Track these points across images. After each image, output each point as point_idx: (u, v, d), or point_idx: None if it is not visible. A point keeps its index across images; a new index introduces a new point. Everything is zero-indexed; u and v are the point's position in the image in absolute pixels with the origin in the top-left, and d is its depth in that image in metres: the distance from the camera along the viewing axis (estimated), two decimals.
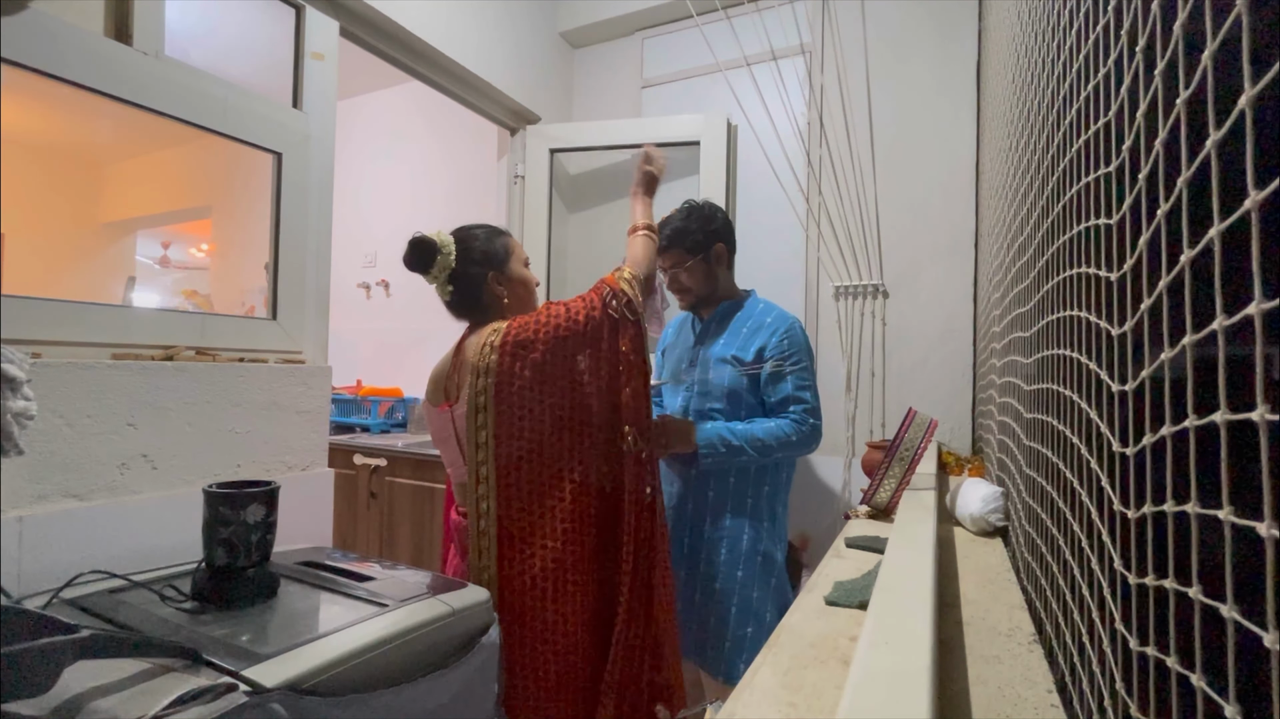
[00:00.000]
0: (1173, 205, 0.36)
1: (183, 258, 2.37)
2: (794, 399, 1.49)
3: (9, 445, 0.80)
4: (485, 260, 1.25)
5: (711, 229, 1.56)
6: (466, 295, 1.26)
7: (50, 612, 0.83)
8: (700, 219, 1.55)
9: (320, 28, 1.64)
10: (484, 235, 1.28)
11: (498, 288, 1.26)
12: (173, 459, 1.25)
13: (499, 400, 1.12)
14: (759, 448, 1.46)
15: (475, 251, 1.25)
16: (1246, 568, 0.27)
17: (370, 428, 2.90)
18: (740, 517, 1.51)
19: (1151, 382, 0.40)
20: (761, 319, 1.56)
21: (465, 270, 1.24)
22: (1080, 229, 0.59)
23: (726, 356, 1.54)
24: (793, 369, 1.50)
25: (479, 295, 1.26)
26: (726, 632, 1.45)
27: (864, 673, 0.51)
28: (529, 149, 2.39)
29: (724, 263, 1.59)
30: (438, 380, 1.28)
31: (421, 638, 0.92)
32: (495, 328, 1.19)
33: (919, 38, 2.06)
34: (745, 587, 1.47)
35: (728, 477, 1.51)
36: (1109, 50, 0.50)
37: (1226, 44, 0.29)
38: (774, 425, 1.48)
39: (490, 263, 1.26)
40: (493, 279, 1.25)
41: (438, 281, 1.25)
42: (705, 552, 1.51)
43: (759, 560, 1.49)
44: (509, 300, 1.27)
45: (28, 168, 1.79)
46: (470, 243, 1.26)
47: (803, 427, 1.48)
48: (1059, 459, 0.69)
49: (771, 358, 1.50)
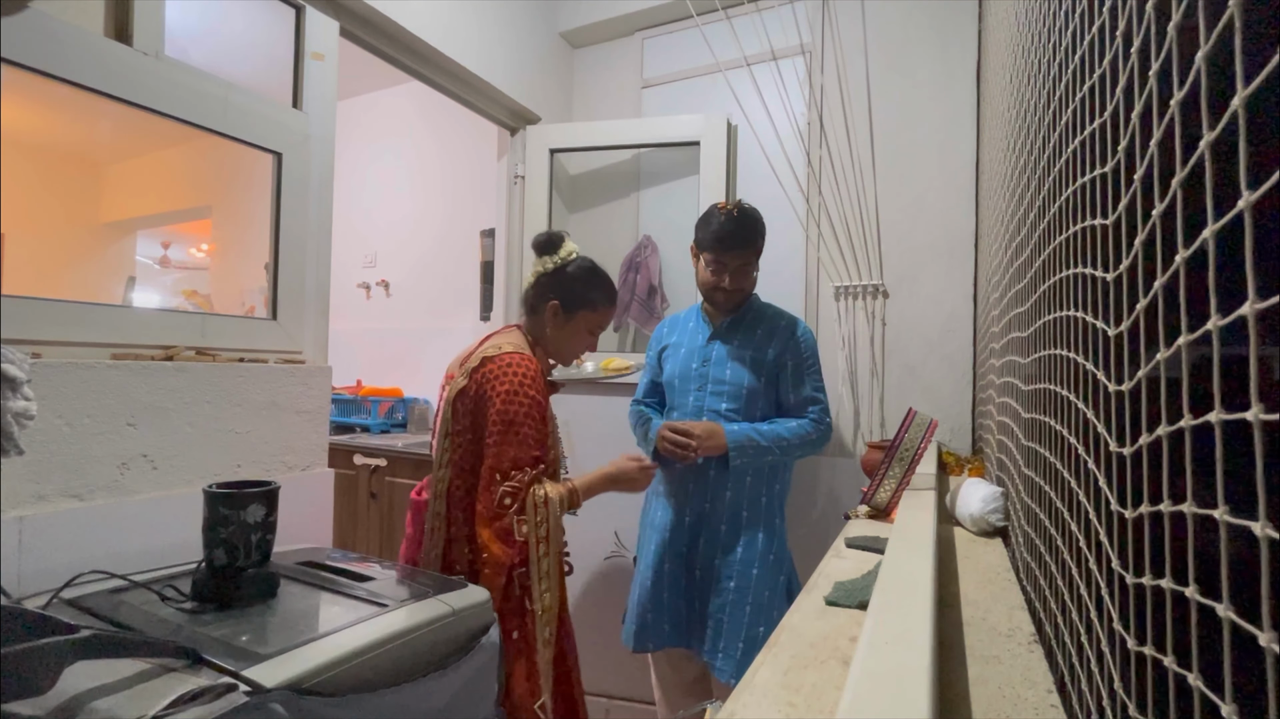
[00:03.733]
0: (1167, 206, 0.36)
1: (183, 258, 2.37)
2: (812, 399, 1.55)
3: (9, 445, 0.80)
4: (561, 288, 1.34)
5: (765, 233, 1.59)
6: (534, 297, 1.36)
7: (50, 612, 0.83)
8: (760, 221, 1.57)
9: (320, 28, 1.64)
10: (587, 278, 1.37)
11: (552, 318, 1.34)
12: (173, 459, 1.25)
13: (454, 411, 1.25)
14: (784, 447, 1.48)
15: (568, 277, 1.35)
16: (1242, 567, 0.27)
17: (370, 428, 2.90)
18: (755, 516, 1.52)
19: (1148, 382, 0.40)
20: (775, 321, 1.59)
21: (549, 281, 1.34)
22: (1076, 229, 0.60)
23: (745, 357, 1.55)
24: (810, 371, 1.56)
25: (539, 307, 1.35)
26: (741, 632, 1.44)
27: (864, 673, 0.51)
28: (529, 149, 2.39)
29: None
30: (456, 360, 1.37)
31: (421, 638, 0.92)
32: (496, 344, 1.26)
33: (919, 38, 2.06)
34: (759, 586, 1.47)
35: (745, 476, 1.52)
36: (1104, 51, 0.50)
37: (1220, 44, 0.29)
38: (795, 425, 1.51)
39: (561, 293, 1.34)
40: (551, 309, 1.33)
41: (538, 270, 1.36)
42: (721, 552, 1.51)
43: (771, 559, 1.50)
44: (550, 333, 1.36)
45: (28, 168, 1.79)
46: (574, 271, 1.36)
47: (820, 425, 1.53)
48: (1057, 459, 0.69)
49: (792, 360, 1.53)
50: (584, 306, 1.35)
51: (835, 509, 2.10)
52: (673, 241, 2.35)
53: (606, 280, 1.40)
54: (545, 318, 1.34)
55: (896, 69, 2.09)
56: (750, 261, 1.55)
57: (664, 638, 1.55)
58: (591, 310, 1.36)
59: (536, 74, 2.44)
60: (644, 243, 2.40)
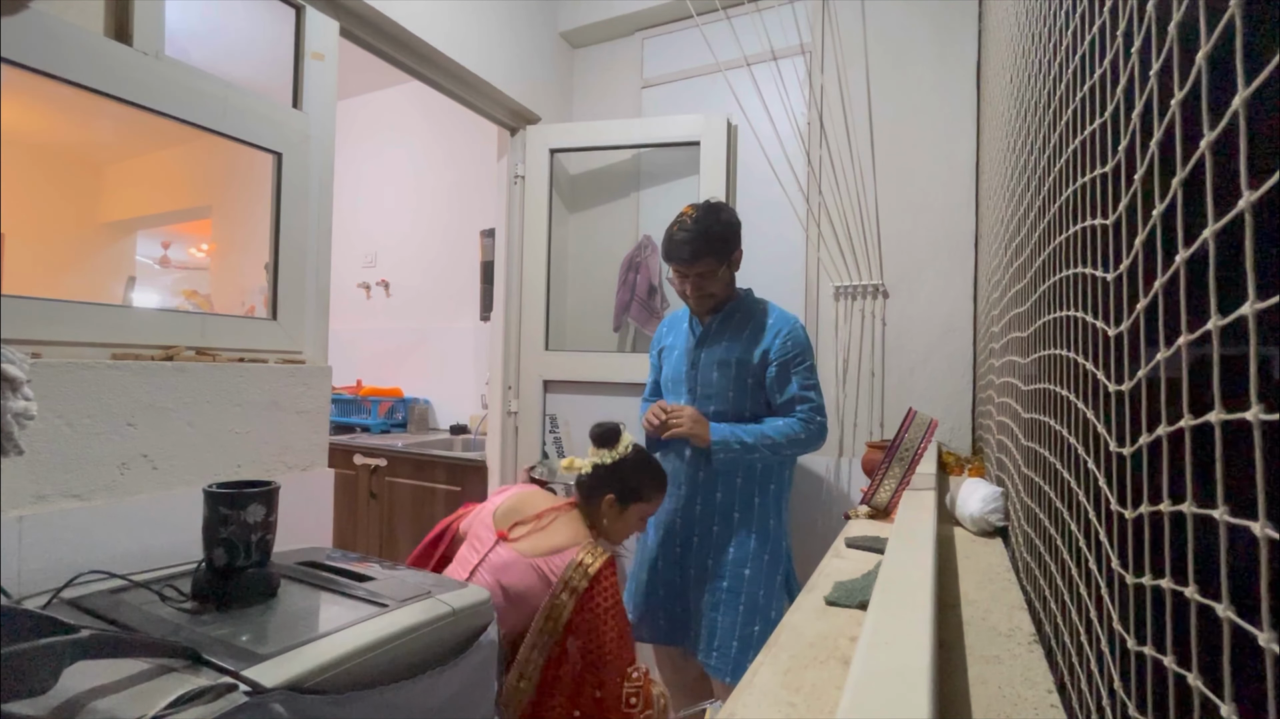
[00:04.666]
0: (1168, 206, 0.36)
1: (183, 258, 2.37)
2: (800, 398, 1.50)
3: (9, 445, 0.80)
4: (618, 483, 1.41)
5: (733, 234, 1.53)
6: (590, 487, 1.43)
7: (50, 612, 0.83)
8: (723, 224, 1.51)
9: (320, 28, 1.64)
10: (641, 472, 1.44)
11: (608, 509, 1.42)
12: (173, 459, 1.25)
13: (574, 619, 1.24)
14: (771, 446, 1.47)
15: (625, 472, 1.42)
16: (1242, 567, 0.27)
17: (370, 428, 2.90)
18: (748, 516, 1.51)
19: (1148, 382, 0.40)
20: (763, 320, 1.55)
21: (607, 474, 1.42)
22: (1077, 229, 0.60)
23: (729, 360, 1.53)
24: (797, 369, 1.51)
25: (594, 498, 1.42)
26: (735, 631, 1.45)
27: (864, 673, 0.51)
28: (529, 149, 2.39)
29: (738, 266, 1.59)
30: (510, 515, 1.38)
31: (421, 638, 0.92)
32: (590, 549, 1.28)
33: (919, 38, 2.06)
34: (753, 585, 1.47)
35: (734, 477, 1.52)
36: (1104, 51, 0.50)
37: (1221, 44, 0.29)
38: (783, 424, 1.49)
39: (618, 488, 1.41)
40: (608, 501, 1.41)
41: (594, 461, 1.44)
42: (713, 552, 1.51)
43: (765, 559, 1.50)
44: (607, 523, 1.42)
45: (28, 168, 1.79)
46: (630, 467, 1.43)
47: (810, 425, 1.49)
48: (1057, 459, 0.69)
49: (776, 359, 1.50)
50: (638, 500, 1.43)
51: (835, 509, 2.10)
52: None
53: (658, 469, 1.47)
54: (601, 508, 1.42)
55: (896, 69, 2.09)
56: (709, 270, 1.50)
57: (659, 633, 1.56)
58: (645, 502, 1.44)
59: (536, 74, 2.44)
60: (644, 243, 2.40)
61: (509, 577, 1.26)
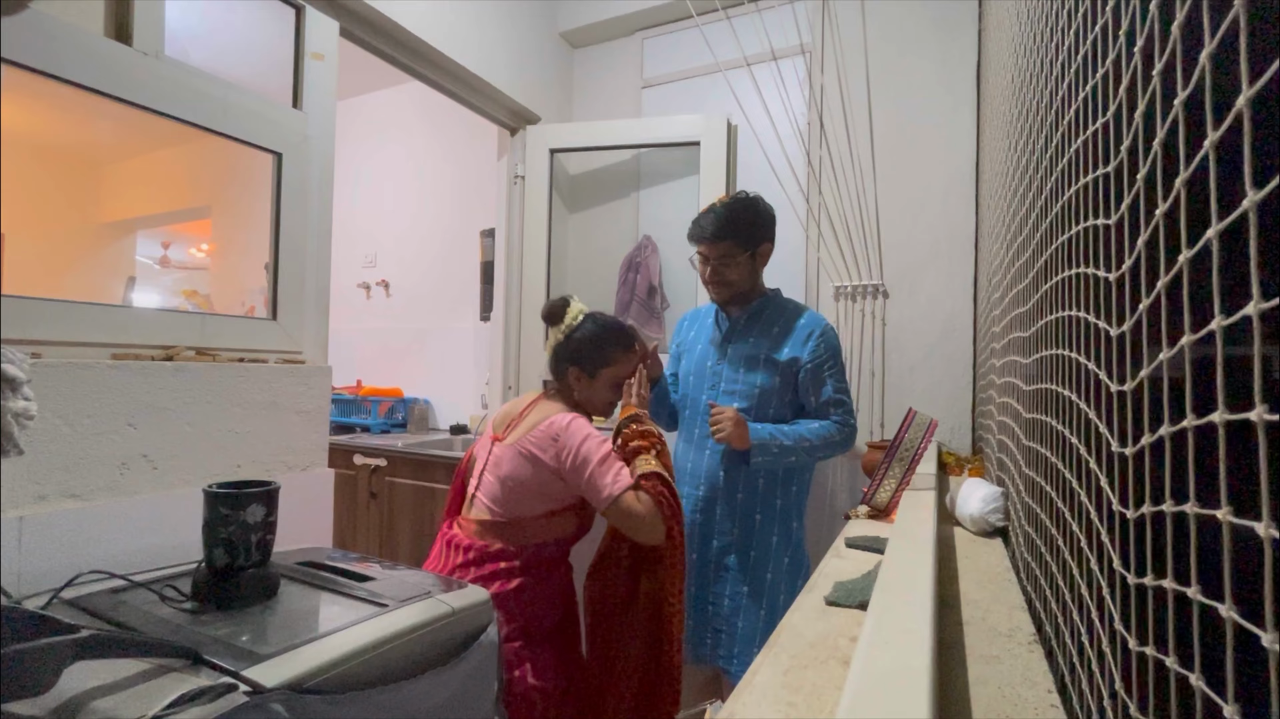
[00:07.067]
0: (1171, 205, 0.36)
1: (183, 258, 2.37)
2: (835, 402, 1.49)
3: (9, 445, 0.80)
4: (576, 355, 1.40)
5: (762, 223, 1.51)
6: (556, 368, 1.43)
7: (50, 612, 0.83)
8: (753, 211, 1.50)
9: (320, 28, 1.64)
10: (597, 338, 1.41)
11: (576, 382, 1.42)
12: (173, 459, 1.25)
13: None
14: (808, 449, 1.44)
15: (578, 342, 1.40)
16: (1245, 568, 0.27)
17: (370, 428, 2.90)
18: (769, 519, 1.49)
19: (1150, 382, 0.40)
20: (794, 320, 1.53)
21: (563, 351, 1.41)
22: (1079, 229, 0.59)
23: (759, 356, 1.50)
24: (831, 372, 1.49)
25: (562, 375, 1.43)
26: (756, 637, 1.42)
27: (864, 673, 0.51)
28: (529, 149, 2.39)
29: (765, 261, 1.57)
30: (504, 419, 1.43)
31: (421, 638, 0.92)
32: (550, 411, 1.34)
33: (919, 38, 2.06)
34: (774, 590, 1.45)
35: (757, 479, 1.49)
36: (1107, 50, 0.50)
37: (1224, 44, 0.29)
38: (819, 427, 1.46)
39: (578, 359, 1.40)
40: (573, 375, 1.41)
41: (551, 343, 1.43)
42: (735, 555, 1.49)
43: (786, 563, 1.48)
44: (580, 396, 1.43)
45: (28, 168, 1.79)
46: (582, 335, 1.41)
47: (844, 428, 1.48)
48: (1058, 459, 0.69)
49: (810, 362, 1.48)
50: (603, 365, 1.41)
51: (835, 509, 2.10)
52: (672, 242, 2.35)
53: (617, 330, 1.44)
54: (570, 383, 1.42)
55: (896, 69, 2.09)
56: (731, 253, 1.48)
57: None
58: (611, 365, 1.42)
59: (536, 74, 2.44)
60: (644, 243, 2.40)
61: (503, 469, 1.32)
